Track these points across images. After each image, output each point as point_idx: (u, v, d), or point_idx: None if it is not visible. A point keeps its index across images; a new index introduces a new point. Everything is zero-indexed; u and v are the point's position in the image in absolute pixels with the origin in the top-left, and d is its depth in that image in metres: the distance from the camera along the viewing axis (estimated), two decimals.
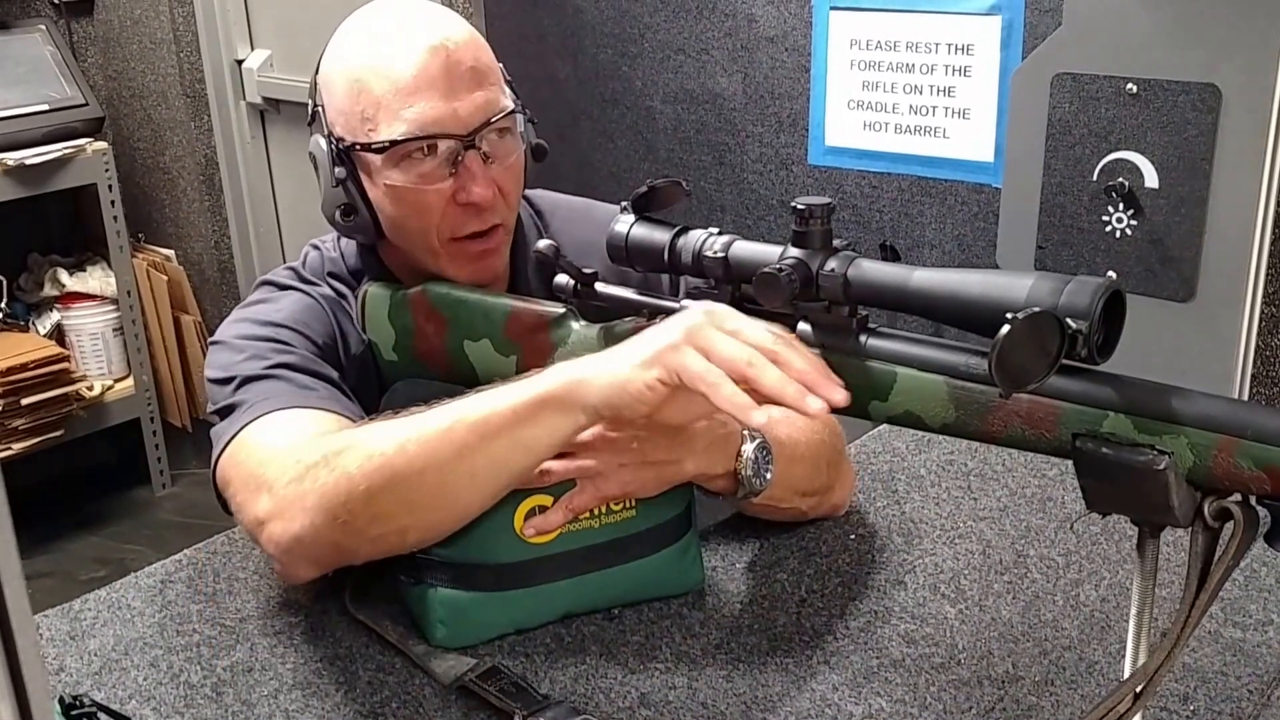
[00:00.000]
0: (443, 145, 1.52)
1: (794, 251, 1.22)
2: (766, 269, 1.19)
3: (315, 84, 1.61)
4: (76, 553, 4.23)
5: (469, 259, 1.58)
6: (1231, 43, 2.07)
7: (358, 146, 1.54)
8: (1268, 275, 2.19)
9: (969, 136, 2.66)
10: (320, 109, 1.60)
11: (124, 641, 1.53)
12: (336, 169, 1.56)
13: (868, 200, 2.86)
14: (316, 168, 1.61)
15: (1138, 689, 1.09)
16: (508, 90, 1.60)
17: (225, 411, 1.51)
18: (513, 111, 1.58)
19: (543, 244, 1.46)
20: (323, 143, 1.59)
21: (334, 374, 1.55)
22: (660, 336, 1.23)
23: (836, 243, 1.22)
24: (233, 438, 1.47)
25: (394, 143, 1.51)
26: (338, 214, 1.59)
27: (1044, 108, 2.31)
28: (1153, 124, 2.18)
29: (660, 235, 1.34)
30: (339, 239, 1.70)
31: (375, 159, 1.53)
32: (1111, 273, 2.25)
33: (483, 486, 1.35)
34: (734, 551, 1.70)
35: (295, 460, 1.36)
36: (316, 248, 1.72)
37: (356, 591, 1.56)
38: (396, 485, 1.32)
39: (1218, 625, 1.51)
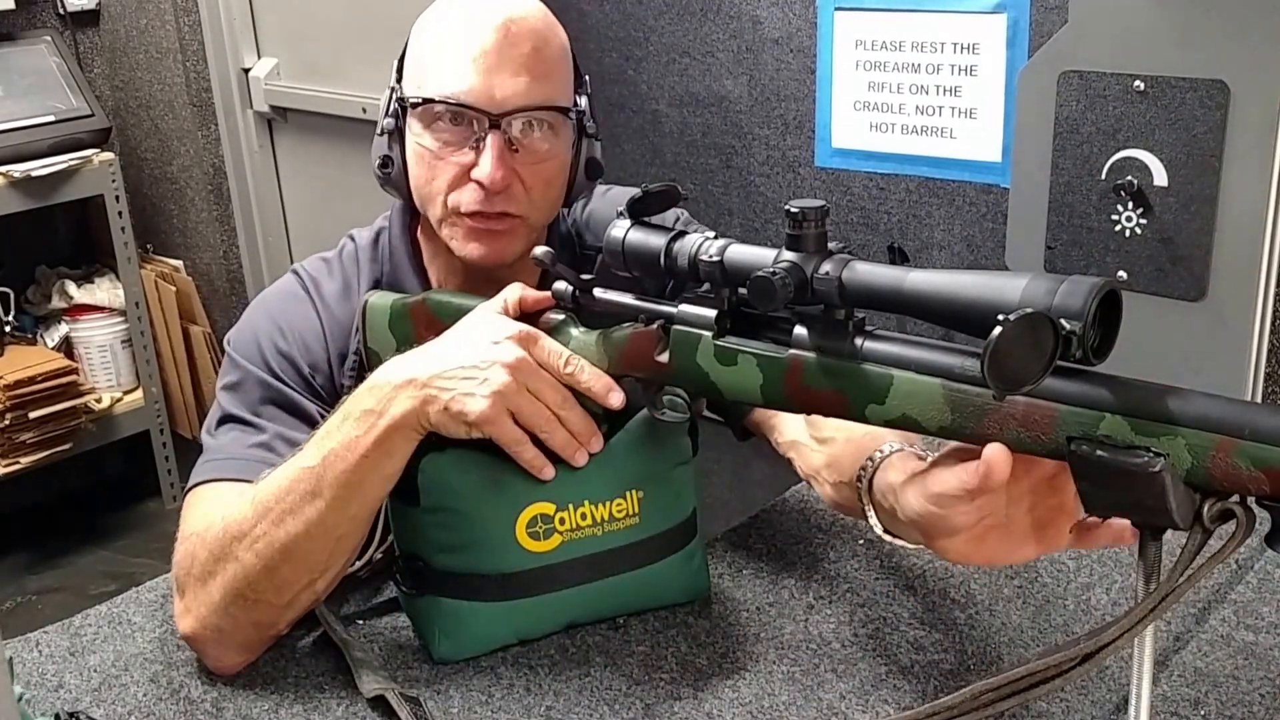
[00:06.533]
0: (472, 118, 1.54)
1: (788, 255, 1.20)
2: (760, 273, 1.17)
3: (406, 40, 1.66)
4: (86, 567, 4.23)
5: (472, 235, 1.59)
6: (1239, 38, 2.05)
7: (399, 98, 1.60)
8: (1279, 273, 2.16)
9: (976, 136, 2.64)
10: (402, 63, 1.64)
11: (124, 657, 1.53)
12: (385, 120, 1.62)
13: (875, 202, 2.84)
14: None
15: (1087, 652, 1.08)
16: (570, 93, 1.62)
17: (204, 444, 1.61)
18: (560, 110, 1.59)
19: (539, 250, 1.45)
20: (385, 94, 1.64)
21: (313, 408, 1.60)
22: (477, 388, 1.36)
23: (832, 245, 1.20)
24: (189, 489, 1.56)
25: (424, 100, 1.55)
26: (376, 163, 1.64)
27: (1051, 106, 2.29)
28: (1161, 121, 2.16)
29: (656, 240, 1.33)
30: (376, 234, 1.74)
31: (415, 114, 1.58)
32: (1122, 273, 2.23)
33: (364, 518, 1.45)
34: (741, 559, 1.69)
35: (199, 561, 1.46)
36: (352, 239, 1.75)
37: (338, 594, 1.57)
38: (289, 554, 1.41)
39: (1230, 628, 1.49)
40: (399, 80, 1.63)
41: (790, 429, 1.58)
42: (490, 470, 1.43)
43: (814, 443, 1.52)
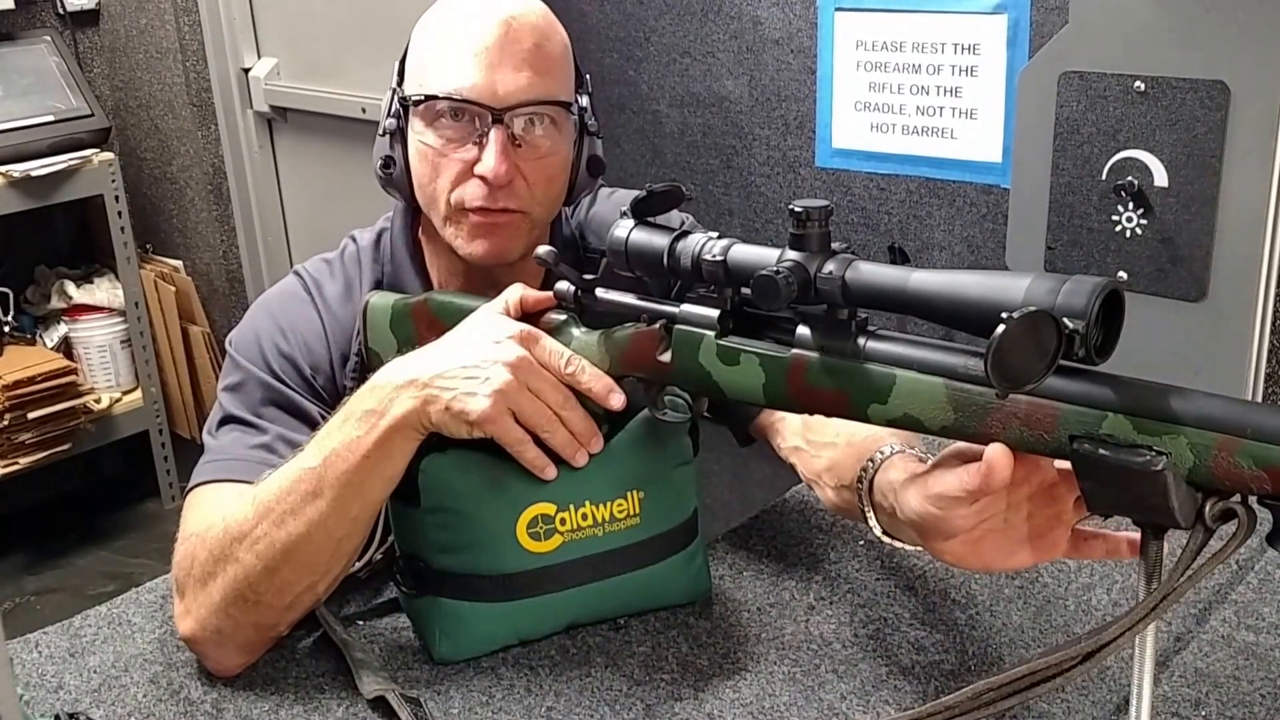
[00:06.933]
0: (474, 114, 1.54)
1: (792, 254, 1.20)
2: (764, 272, 1.17)
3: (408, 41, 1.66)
4: (85, 568, 4.22)
5: (471, 231, 1.59)
6: (1239, 39, 2.05)
7: (400, 97, 1.60)
8: None
9: (976, 137, 2.64)
10: (403, 64, 1.65)
11: (124, 658, 1.52)
12: (387, 120, 1.62)
13: (875, 202, 2.84)
14: None
15: (1088, 651, 1.09)
16: (571, 90, 1.63)
17: (205, 444, 1.61)
18: (561, 105, 1.59)
19: (542, 250, 1.45)
20: (387, 95, 1.64)
21: (314, 410, 1.60)
22: (479, 387, 1.36)
23: (835, 245, 1.20)
24: (190, 489, 1.56)
25: (427, 98, 1.55)
26: (378, 164, 1.64)
27: (1051, 107, 2.29)
28: (1161, 122, 2.16)
29: (659, 240, 1.33)
30: (378, 234, 1.74)
31: (417, 112, 1.58)
32: (1122, 273, 2.23)
33: (365, 519, 1.44)
34: (742, 559, 1.69)
35: (199, 562, 1.45)
36: (354, 239, 1.76)
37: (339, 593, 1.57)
38: (290, 555, 1.41)
39: (1230, 629, 1.49)
40: (400, 81, 1.63)
41: (793, 434, 1.58)
42: (491, 471, 1.43)
43: (814, 448, 1.52)
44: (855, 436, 1.42)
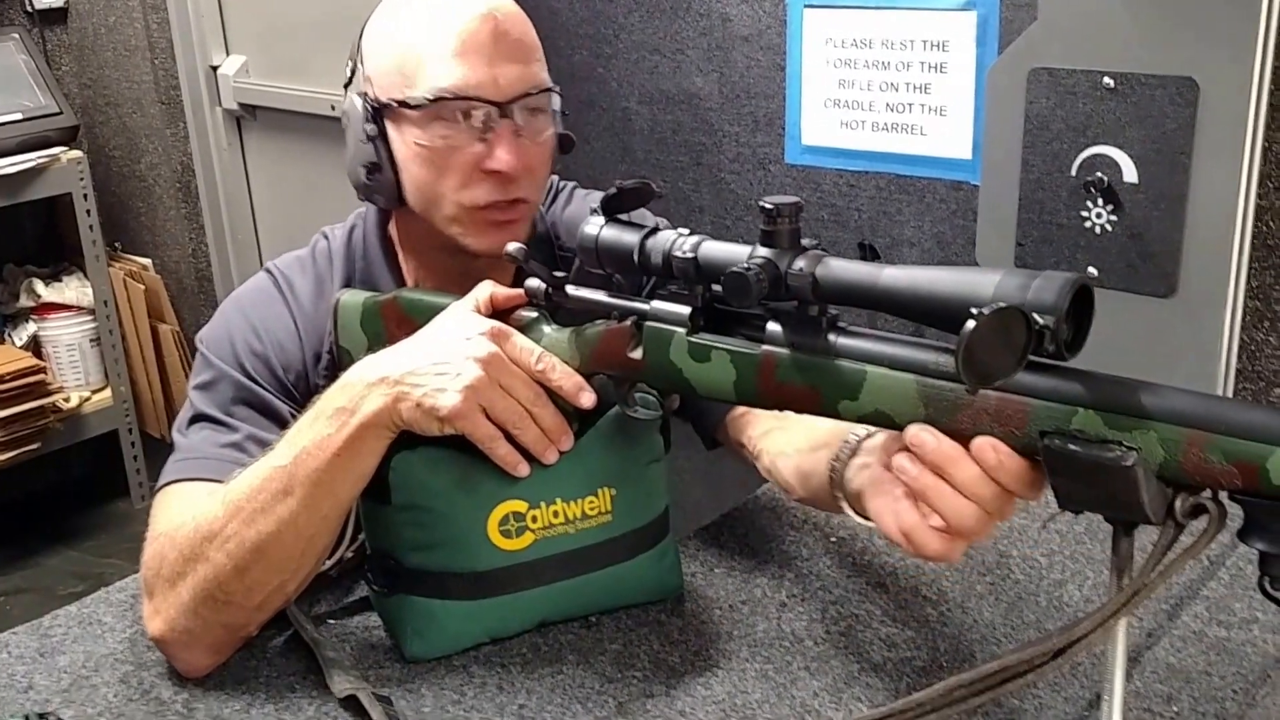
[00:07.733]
0: (478, 110, 1.53)
1: (762, 251, 1.20)
2: (734, 269, 1.17)
3: (358, 43, 1.63)
4: (54, 567, 4.19)
5: (488, 228, 1.58)
6: (1208, 35, 2.06)
7: (394, 103, 1.56)
8: (1250, 269, 2.17)
9: (946, 134, 2.65)
10: (360, 67, 1.62)
11: (94, 658, 1.52)
12: (367, 125, 1.58)
13: (845, 199, 2.84)
14: (345, 128, 1.64)
15: (1059, 647, 1.09)
16: (546, 72, 1.62)
17: (175, 442, 1.60)
18: (549, 90, 1.60)
19: (512, 247, 1.45)
20: (357, 100, 1.60)
21: (285, 409, 1.59)
22: (449, 383, 1.36)
23: (805, 242, 1.20)
24: (159, 488, 1.55)
25: (431, 100, 1.53)
26: (363, 172, 1.61)
27: (1021, 103, 2.29)
28: (1130, 118, 2.16)
29: (630, 237, 1.33)
30: (350, 230, 1.73)
31: (410, 115, 1.55)
32: (1092, 269, 2.24)
33: (336, 518, 1.44)
34: (713, 557, 1.69)
35: (168, 561, 1.44)
36: (325, 236, 1.74)
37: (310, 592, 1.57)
38: (260, 555, 1.40)
39: (1202, 624, 1.49)
40: (366, 84, 1.60)
41: (765, 419, 1.59)
42: (462, 468, 1.43)
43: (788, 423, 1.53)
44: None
